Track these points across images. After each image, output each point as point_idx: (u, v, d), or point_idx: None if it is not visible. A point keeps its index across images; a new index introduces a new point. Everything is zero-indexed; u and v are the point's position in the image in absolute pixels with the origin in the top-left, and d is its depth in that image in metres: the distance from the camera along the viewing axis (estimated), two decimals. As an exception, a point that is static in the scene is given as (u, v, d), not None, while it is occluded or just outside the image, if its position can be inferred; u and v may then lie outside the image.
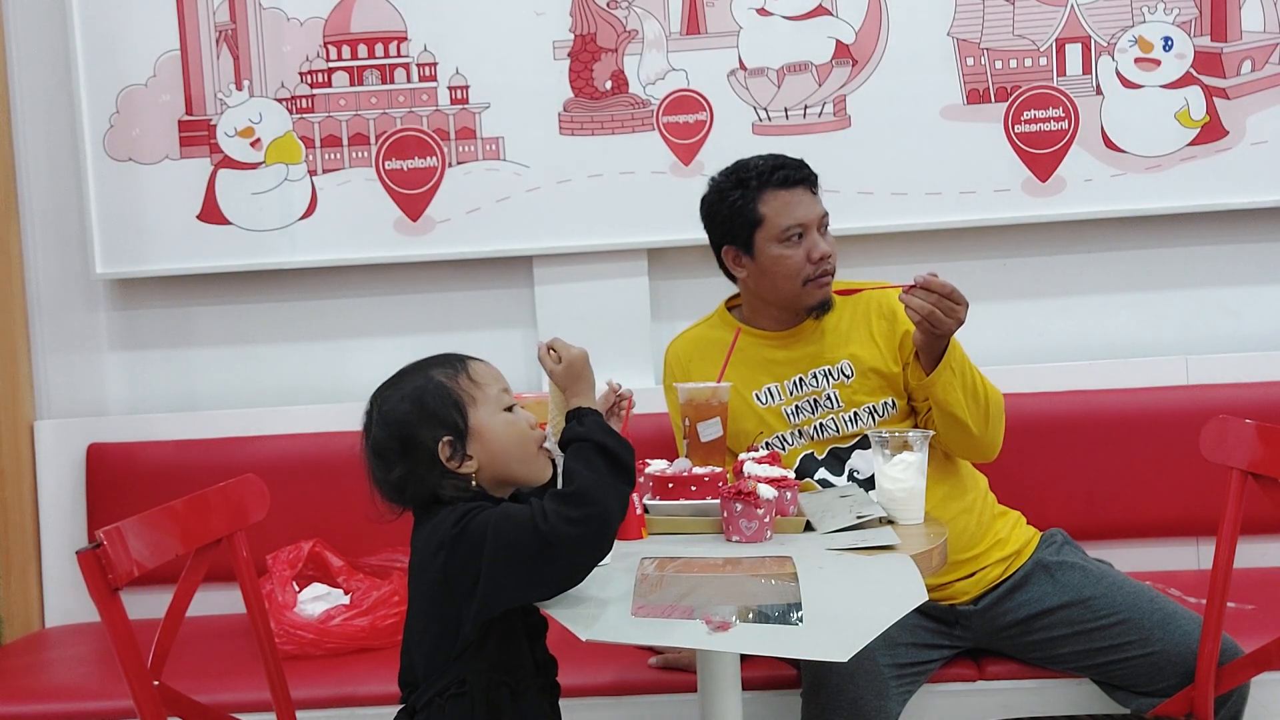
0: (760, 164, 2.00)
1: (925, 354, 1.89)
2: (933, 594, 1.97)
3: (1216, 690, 1.81)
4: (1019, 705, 2.01)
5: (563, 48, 2.59)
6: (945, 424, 1.92)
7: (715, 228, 2.06)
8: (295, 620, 2.21)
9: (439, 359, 1.50)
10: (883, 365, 2.01)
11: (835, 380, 2.01)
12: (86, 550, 1.45)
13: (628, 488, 1.42)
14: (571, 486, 1.38)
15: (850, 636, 1.33)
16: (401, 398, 1.45)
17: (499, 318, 2.68)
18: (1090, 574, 2.00)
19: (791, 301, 2.01)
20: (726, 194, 2.02)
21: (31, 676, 2.26)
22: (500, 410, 1.47)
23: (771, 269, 1.98)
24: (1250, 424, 1.80)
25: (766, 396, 2.04)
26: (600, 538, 1.37)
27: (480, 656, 1.40)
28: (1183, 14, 2.54)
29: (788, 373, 2.03)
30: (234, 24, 2.61)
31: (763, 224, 1.97)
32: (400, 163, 2.62)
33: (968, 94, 2.57)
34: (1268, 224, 2.59)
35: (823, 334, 2.04)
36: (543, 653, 1.50)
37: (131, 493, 2.51)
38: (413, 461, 1.43)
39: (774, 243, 1.97)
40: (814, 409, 2.02)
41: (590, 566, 1.39)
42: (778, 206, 1.97)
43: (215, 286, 2.70)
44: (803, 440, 2.02)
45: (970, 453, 2.01)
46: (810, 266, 1.97)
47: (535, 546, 1.34)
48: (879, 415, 2.00)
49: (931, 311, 1.79)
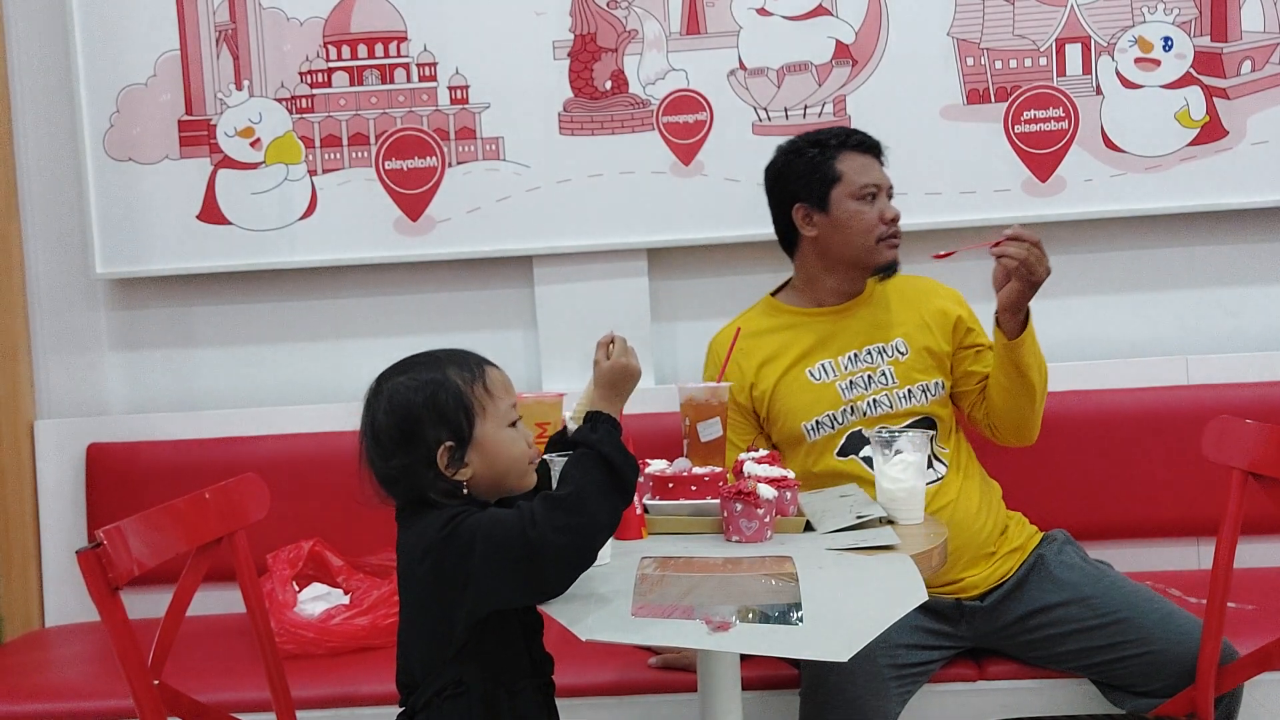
0: (835, 129, 2.12)
1: (1012, 314, 1.95)
2: (946, 587, 2.00)
3: (1217, 690, 1.81)
4: (1019, 705, 2.02)
5: (563, 48, 2.59)
6: (1013, 392, 2.00)
7: (787, 186, 2.10)
8: (295, 620, 2.21)
9: (457, 356, 1.47)
10: (935, 345, 2.08)
11: (890, 357, 2.07)
12: (86, 550, 1.45)
13: (622, 504, 1.41)
14: (564, 491, 1.37)
15: (850, 636, 1.33)
16: (414, 388, 1.42)
17: (499, 318, 2.68)
18: (1090, 573, 2.01)
19: (861, 258, 2.06)
20: (804, 151, 2.09)
21: (31, 676, 2.26)
22: (505, 425, 1.45)
23: (847, 224, 2.04)
24: (1250, 424, 1.80)
25: (820, 373, 2.06)
26: (586, 549, 1.37)
27: (476, 656, 1.40)
28: (1183, 14, 2.54)
29: (843, 348, 2.07)
30: (234, 24, 2.61)
31: (840, 180, 2.04)
32: (400, 163, 2.62)
33: (968, 94, 2.57)
34: (1268, 224, 2.60)
35: (876, 311, 2.10)
36: (539, 650, 1.50)
37: (131, 492, 2.51)
38: (410, 455, 1.41)
39: (850, 199, 2.04)
40: (868, 384, 2.05)
41: (574, 576, 1.38)
42: (855, 166, 2.05)
43: (215, 286, 2.70)
44: (854, 417, 2.04)
45: (1023, 428, 2.06)
46: (883, 226, 2.04)
47: (522, 552, 1.33)
48: (930, 394, 2.06)
49: (1027, 257, 1.89)
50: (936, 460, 2.05)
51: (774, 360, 2.08)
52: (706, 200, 2.59)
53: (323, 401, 2.65)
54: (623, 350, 1.55)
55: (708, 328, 2.64)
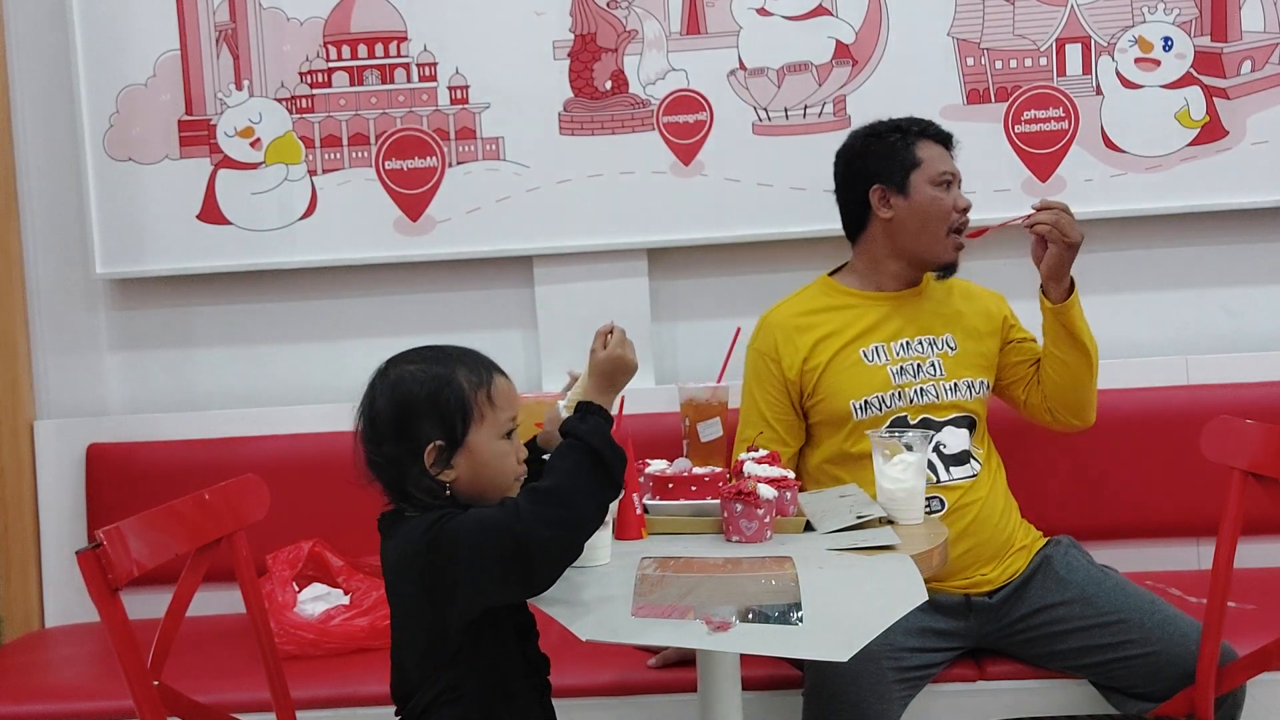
0: (912, 118, 2.16)
1: (1056, 281, 2.04)
2: (962, 583, 2.01)
3: (1216, 691, 1.81)
4: (1019, 705, 2.01)
5: (563, 48, 2.59)
6: (1069, 364, 2.06)
7: (866, 167, 2.13)
8: (295, 620, 2.21)
9: (469, 357, 1.46)
10: (982, 344, 2.13)
11: (940, 350, 2.10)
12: (86, 550, 1.45)
13: (610, 497, 1.40)
14: (548, 483, 1.35)
15: (850, 636, 1.33)
16: (419, 380, 1.42)
17: (499, 318, 2.68)
18: (1094, 575, 2.03)
19: (930, 247, 2.10)
20: (885, 135, 2.13)
21: (31, 676, 2.26)
22: (499, 436, 1.44)
23: (925, 208, 2.08)
24: (1250, 424, 1.80)
25: (874, 355, 2.08)
26: (573, 542, 1.35)
27: (471, 661, 1.39)
28: (1183, 14, 2.54)
29: (896, 334, 2.10)
30: (234, 24, 2.61)
31: (920, 166, 2.09)
32: (400, 163, 2.62)
33: (968, 94, 2.57)
34: (1268, 224, 2.59)
35: (929, 304, 2.14)
36: (534, 651, 1.50)
37: (131, 493, 2.50)
38: (400, 446, 1.40)
39: (929, 184, 2.09)
40: (917, 372, 2.08)
41: (562, 569, 1.36)
42: (934, 154, 2.11)
43: (215, 286, 2.70)
44: (901, 402, 2.06)
45: (1083, 404, 2.12)
46: (956, 214, 2.09)
47: (510, 548, 1.31)
48: (975, 392, 2.10)
49: (1058, 218, 1.99)
50: (972, 458, 2.08)
51: (830, 338, 2.10)
52: (706, 200, 2.59)
53: (323, 401, 2.65)
54: (620, 341, 1.53)
55: (708, 328, 2.65)
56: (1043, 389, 2.13)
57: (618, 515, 1.66)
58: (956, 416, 2.08)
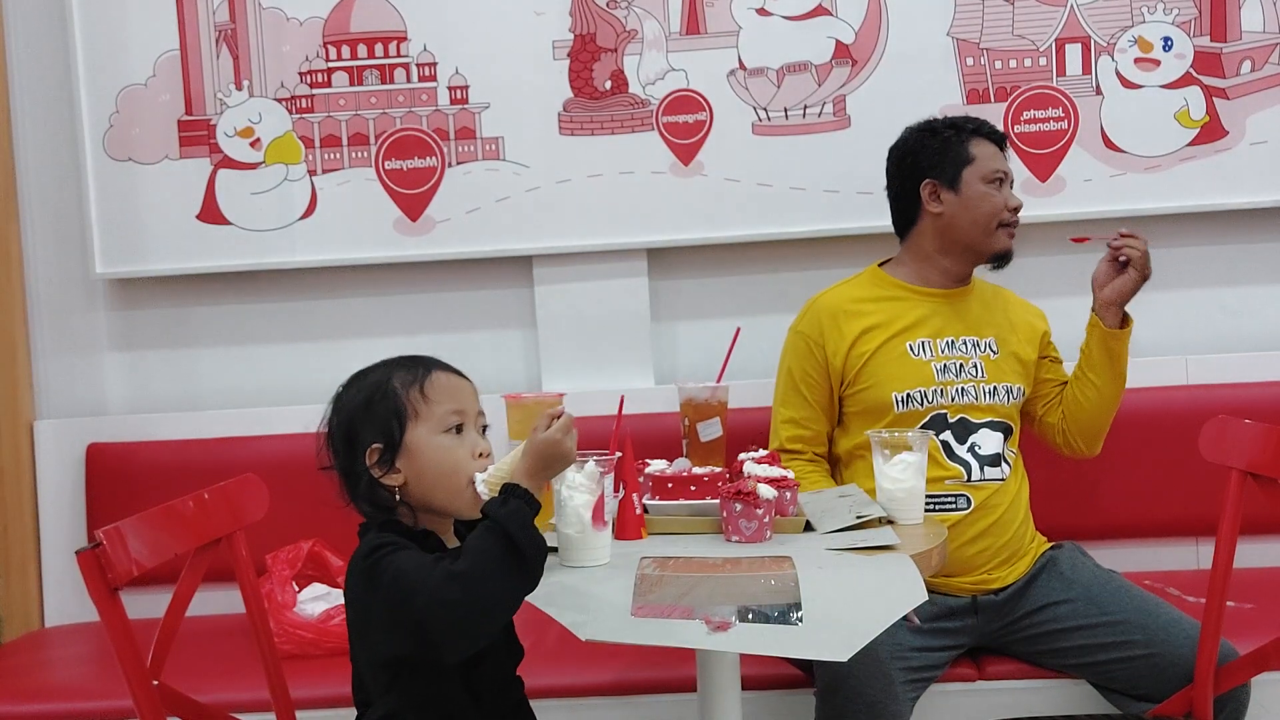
0: (966, 116, 2.19)
1: (1119, 306, 2.10)
2: (968, 580, 2.03)
3: (1215, 690, 1.81)
4: (1019, 706, 2.02)
5: (562, 48, 2.59)
6: (1104, 391, 2.12)
7: (919, 162, 2.14)
8: (295, 620, 2.21)
9: (408, 361, 1.46)
10: (1023, 352, 2.15)
11: (982, 352, 2.12)
12: (86, 550, 1.45)
13: (524, 586, 1.31)
14: (462, 566, 1.27)
15: (850, 636, 1.33)
16: (358, 390, 1.45)
17: (499, 318, 2.68)
18: (1099, 576, 2.05)
19: (981, 240, 2.11)
20: (939, 131, 2.15)
21: (31, 676, 2.26)
22: (441, 432, 1.40)
23: (976, 204, 2.10)
24: (1250, 424, 1.80)
25: (920, 349, 2.09)
26: (476, 626, 1.28)
27: (405, 693, 1.37)
28: (1182, 14, 2.54)
29: (941, 331, 2.11)
30: (234, 24, 2.61)
31: (973, 162, 2.11)
32: (400, 163, 2.62)
33: (967, 94, 2.57)
34: (1268, 224, 2.60)
35: (975, 306, 2.16)
36: (484, 682, 1.43)
37: (131, 493, 2.50)
38: (348, 458, 1.42)
39: (981, 181, 2.10)
40: (959, 372, 2.08)
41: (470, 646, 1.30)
42: (988, 152, 2.13)
43: (215, 286, 2.70)
44: (942, 399, 2.07)
45: (1100, 432, 2.17)
46: (1007, 213, 2.11)
47: (412, 616, 1.26)
48: (1013, 397, 2.12)
49: (1146, 250, 2.06)
50: (1004, 461, 2.09)
51: (878, 328, 2.10)
52: (706, 200, 2.59)
53: (323, 401, 2.58)
54: (565, 428, 1.36)
55: (708, 327, 2.65)
56: (1063, 410, 2.16)
57: (618, 515, 1.66)
58: (992, 420, 2.08)
